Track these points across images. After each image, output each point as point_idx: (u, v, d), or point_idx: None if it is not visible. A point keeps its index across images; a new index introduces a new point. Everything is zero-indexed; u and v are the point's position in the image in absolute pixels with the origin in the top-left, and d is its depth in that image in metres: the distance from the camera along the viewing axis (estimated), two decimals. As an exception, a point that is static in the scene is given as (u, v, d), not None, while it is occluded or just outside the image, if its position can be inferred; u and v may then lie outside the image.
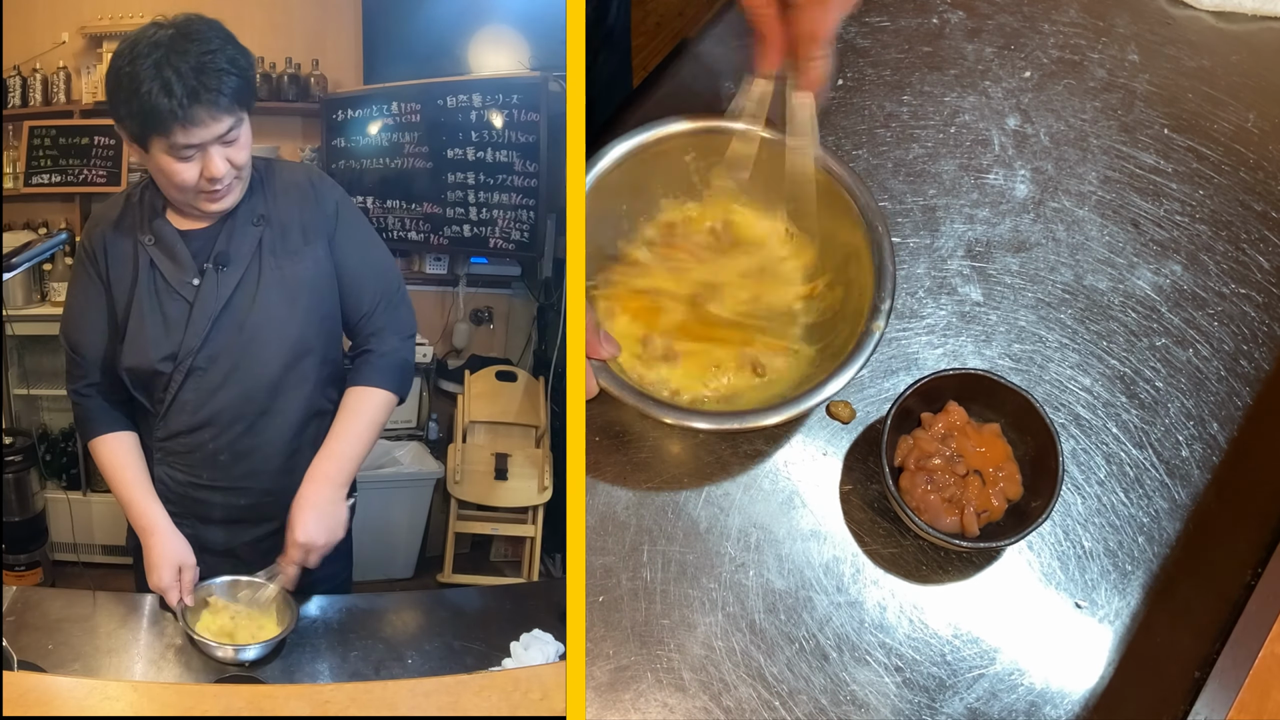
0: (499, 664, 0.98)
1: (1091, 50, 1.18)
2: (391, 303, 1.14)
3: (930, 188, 1.12)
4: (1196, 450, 1.01)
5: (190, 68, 0.98)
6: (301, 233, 1.10)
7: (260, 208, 1.09)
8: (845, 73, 1.17)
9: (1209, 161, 1.13)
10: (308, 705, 0.89)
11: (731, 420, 0.91)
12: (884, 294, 0.93)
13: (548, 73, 1.75)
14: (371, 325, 1.13)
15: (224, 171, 1.02)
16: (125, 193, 1.11)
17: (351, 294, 1.12)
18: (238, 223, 1.08)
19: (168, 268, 1.07)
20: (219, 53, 1.00)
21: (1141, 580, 0.97)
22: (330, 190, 1.13)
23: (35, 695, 0.86)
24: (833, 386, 0.90)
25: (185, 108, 0.97)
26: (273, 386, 1.09)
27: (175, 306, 1.07)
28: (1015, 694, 0.93)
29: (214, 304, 1.06)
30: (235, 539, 1.12)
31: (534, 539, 1.75)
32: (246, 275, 1.07)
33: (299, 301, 1.09)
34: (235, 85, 1.00)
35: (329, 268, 1.11)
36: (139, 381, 1.08)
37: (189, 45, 0.99)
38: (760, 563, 0.97)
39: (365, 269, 1.13)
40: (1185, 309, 1.07)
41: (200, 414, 1.09)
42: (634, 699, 0.93)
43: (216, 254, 1.07)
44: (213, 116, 0.99)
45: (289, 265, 1.09)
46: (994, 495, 0.94)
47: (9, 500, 1.64)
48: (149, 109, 0.98)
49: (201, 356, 1.07)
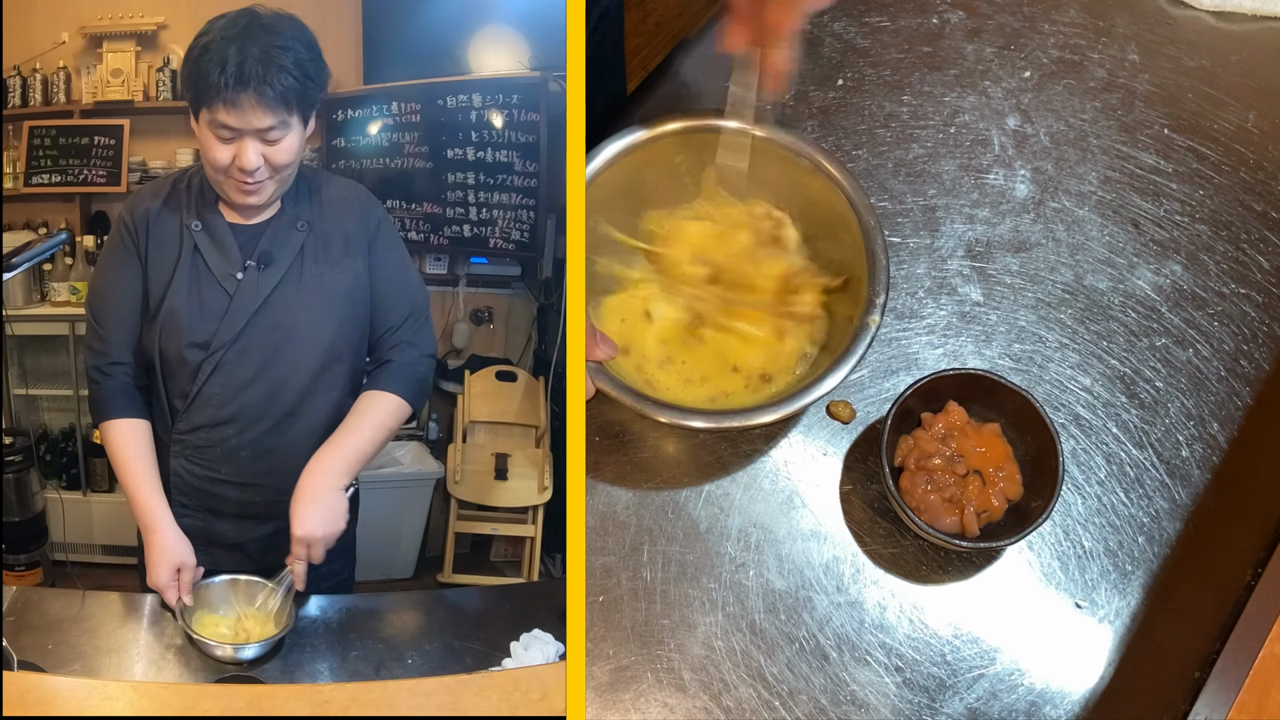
0: (499, 664, 0.98)
1: (1091, 50, 1.18)
2: (418, 320, 1.15)
3: (930, 188, 1.12)
4: (1196, 450, 1.01)
5: (253, 54, 0.99)
6: (344, 244, 1.11)
7: (306, 214, 1.10)
8: (845, 73, 1.17)
9: (1209, 161, 1.13)
10: (308, 705, 0.89)
11: (728, 419, 0.91)
12: (878, 288, 0.93)
13: (548, 73, 1.75)
14: (396, 339, 1.14)
15: (255, 165, 1.02)
16: (174, 175, 1.12)
17: (382, 307, 1.13)
18: (283, 225, 1.09)
19: (213, 257, 1.08)
20: (287, 51, 1.00)
21: (1141, 580, 0.97)
22: (374, 207, 1.15)
23: (35, 695, 0.86)
24: (829, 383, 0.90)
25: (230, 87, 0.98)
26: (301, 389, 1.10)
27: (214, 297, 1.07)
28: (1015, 694, 0.93)
29: (253, 301, 1.07)
30: (245, 534, 1.12)
31: (534, 539, 1.75)
32: (287, 276, 1.08)
33: (335, 310, 1.10)
34: (288, 84, 1.00)
35: (366, 281, 1.12)
36: (168, 368, 1.09)
37: (264, 35, 1.00)
38: (760, 563, 0.97)
39: (397, 285, 1.14)
40: (1185, 309, 1.07)
41: (225, 409, 1.09)
42: (634, 699, 0.93)
43: (260, 252, 1.08)
44: (256, 105, 0.99)
45: (329, 274, 1.10)
46: (994, 495, 0.94)
47: (9, 500, 1.64)
48: (201, 77, 1.00)
49: (233, 350, 1.07)
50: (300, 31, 1.03)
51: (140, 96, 1.96)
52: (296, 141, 1.04)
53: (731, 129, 0.98)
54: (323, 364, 1.11)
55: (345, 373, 1.13)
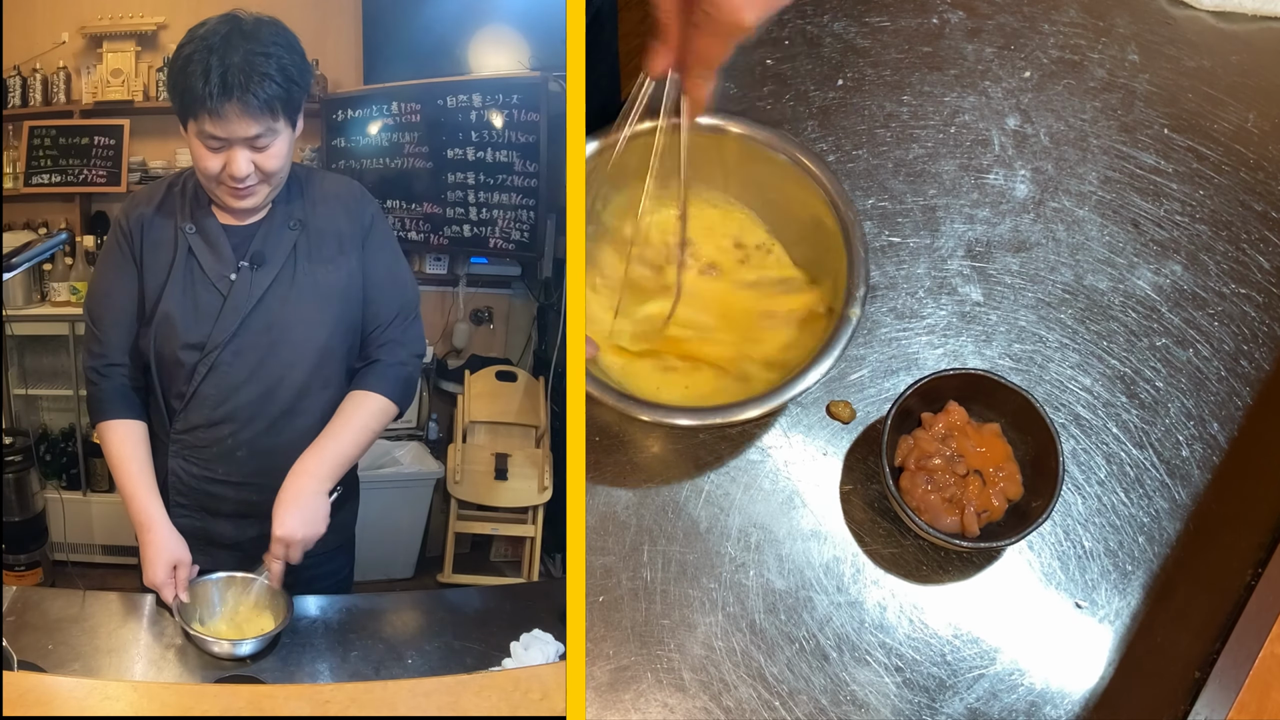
0: (499, 664, 0.98)
1: (1091, 50, 1.18)
2: (407, 319, 1.15)
3: (930, 188, 1.12)
4: (1196, 450, 1.01)
5: (235, 63, 0.98)
6: (337, 242, 1.10)
7: (298, 212, 1.09)
8: (845, 72, 1.17)
9: (1209, 161, 1.13)
10: (308, 705, 0.89)
11: (711, 415, 0.90)
12: (858, 281, 0.92)
13: (548, 73, 1.75)
14: (384, 337, 1.13)
15: (245, 173, 1.02)
16: (168, 179, 1.12)
17: (372, 305, 1.13)
18: (274, 225, 1.09)
19: (207, 259, 1.07)
20: (270, 58, 1.00)
21: (1141, 580, 0.97)
22: (368, 204, 1.14)
23: (35, 695, 0.86)
24: (812, 376, 0.89)
25: (215, 99, 0.98)
26: (296, 388, 1.10)
27: (208, 298, 1.07)
28: (1015, 694, 0.93)
29: (246, 301, 1.07)
30: (243, 534, 1.12)
31: (534, 539, 1.75)
32: (280, 276, 1.08)
33: (329, 308, 1.10)
34: (273, 92, 0.99)
35: (360, 279, 1.12)
36: (164, 369, 1.09)
37: (245, 42, 0.99)
38: (760, 563, 0.97)
39: (388, 283, 1.14)
40: (1185, 309, 1.07)
41: (221, 409, 1.09)
42: (634, 699, 0.93)
43: (253, 253, 1.08)
44: (241, 115, 0.99)
45: (322, 272, 1.09)
46: (994, 495, 0.94)
47: (9, 500, 1.64)
48: (185, 90, 0.99)
49: (228, 351, 1.07)
50: (282, 34, 1.02)
51: (140, 96, 1.96)
52: (285, 146, 1.04)
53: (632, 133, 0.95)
54: (318, 363, 1.10)
55: (341, 371, 1.12)
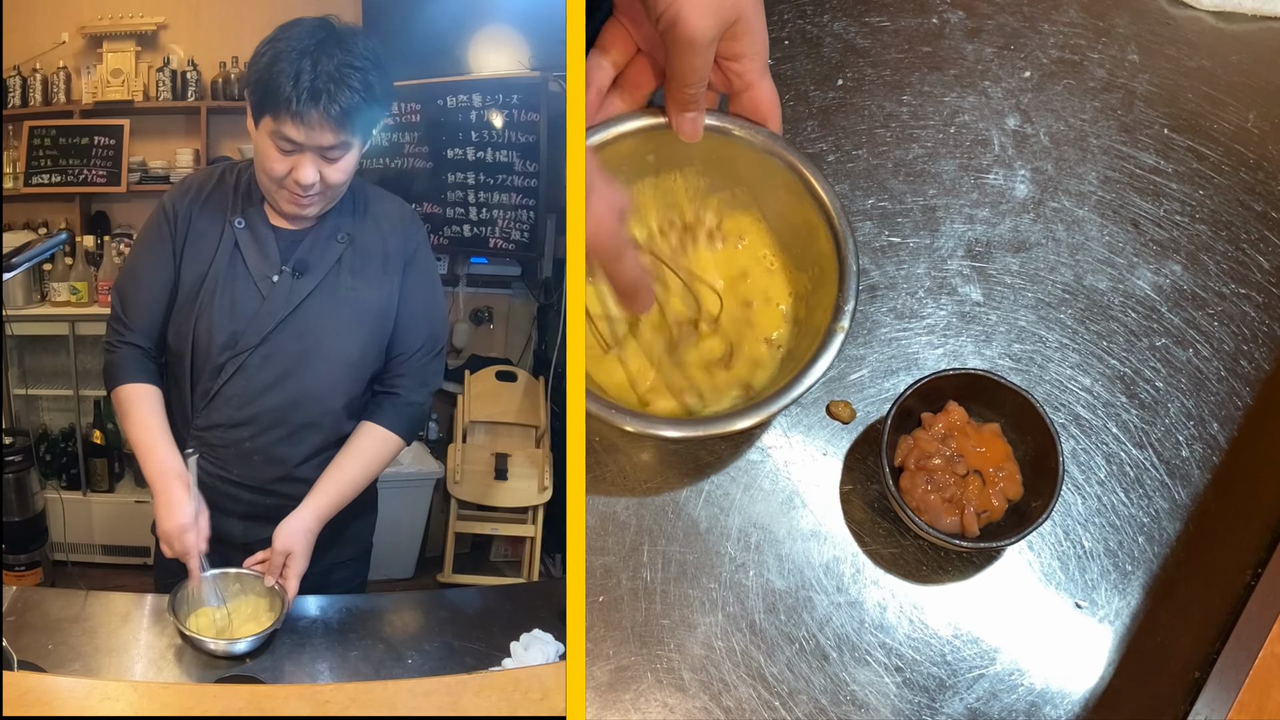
0: (499, 664, 0.98)
1: (1091, 50, 1.18)
2: (431, 353, 1.13)
3: (930, 188, 1.12)
4: (1196, 450, 1.01)
5: (327, 69, 0.97)
6: (382, 261, 1.09)
7: (347, 226, 1.08)
8: (845, 72, 1.17)
9: (1209, 161, 1.13)
10: (308, 705, 0.89)
11: (697, 427, 0.88)
12: (847, 294, 0.90)
13: (548, 73, 1.75)
14: (406, 368, 1.12)
15: (311, 181, 1.00)
16: (220, 169, 1.10)
17: (401, 331, 1.11)
18: (323, 234, 1.07)
19: (253, 257, 1.06)
20: (361, 71, 0.98)
21: (1141, 580, 0.97)
22: (417, 229, 1.13)
23: (35, 695, 0.86)
24: (799, 388, 0.87)
25: (300, 103, 0.96)
26: (321, 401, 1.09)
27: (247, 296, 1.06)
28: (1015, 694, 0.93)
29: (284, 306, 1.06)
30: (252, 535, 1.12)
31: (534, 539, 1.75)
32: (321, 286, 1.07)
33: (364, 326, 1.09)
34: (355, 104, 0.98)
35: (395, 302, 1.10)
36: (196, 362, 1.07)
37: (338, 51, 0.98)
38: (760, 563, 0.97)
39: (422, 312, 1.12)
40: (1185, 309, 1.07)
41: (243, 411, 1.08)
42: (634, 699, 0.93)
43: (297, 259, 1.06)
44: (324, 123, 0.97)
45: (363, 289, 1.08)
46: (994, 495, 0.94)
47: (9, 500, 1.64)
48: (271, 87, 0.97)
49: (257, 354, 1.06)
50: (373, 50, 1.01)
51: (140, 96, 1.96)
52: (354, 161, 1.03)
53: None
54: (347, 381, 1.09)
55: (362, 391, 1.11)
